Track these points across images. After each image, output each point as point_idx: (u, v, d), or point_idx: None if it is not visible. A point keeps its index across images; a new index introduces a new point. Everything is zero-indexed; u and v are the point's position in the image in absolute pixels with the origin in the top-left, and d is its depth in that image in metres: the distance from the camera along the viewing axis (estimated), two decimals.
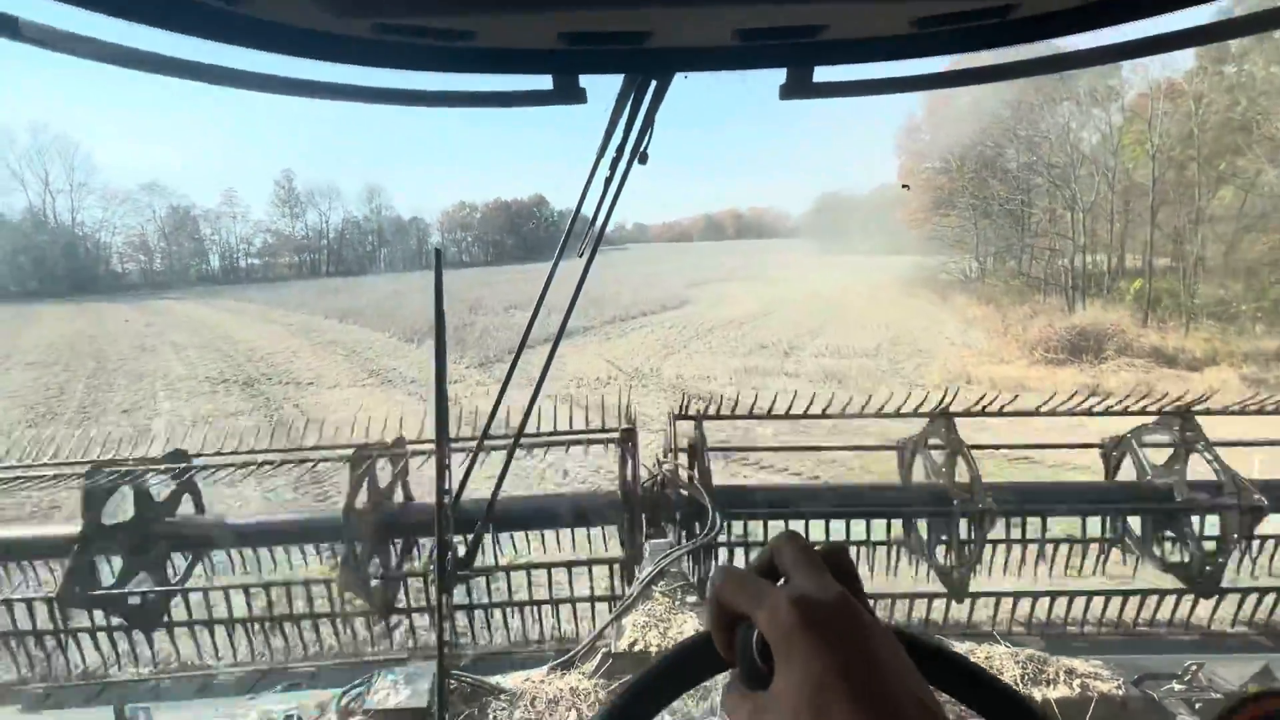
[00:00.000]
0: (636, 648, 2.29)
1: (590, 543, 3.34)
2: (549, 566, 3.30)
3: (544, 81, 0.99)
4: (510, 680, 2.26)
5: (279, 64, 0.89)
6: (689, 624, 2.38)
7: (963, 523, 3.04)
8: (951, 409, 3.30)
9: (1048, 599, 3.38)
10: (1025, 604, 3.40)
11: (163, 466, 3.18)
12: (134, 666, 3.23)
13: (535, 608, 3.40)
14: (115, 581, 3.04)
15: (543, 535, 3.39)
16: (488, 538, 2.98)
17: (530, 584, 3.34)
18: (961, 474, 3.12)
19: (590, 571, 3.37)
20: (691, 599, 2.55)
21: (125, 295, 49.13)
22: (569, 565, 3.32)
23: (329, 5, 0.77)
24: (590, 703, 2.13)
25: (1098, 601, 3.38)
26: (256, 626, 3.25)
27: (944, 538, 3.18)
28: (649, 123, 1.11)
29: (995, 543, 3.28)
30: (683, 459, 3.21)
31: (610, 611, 2.69)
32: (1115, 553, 3.39)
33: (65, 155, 59.27)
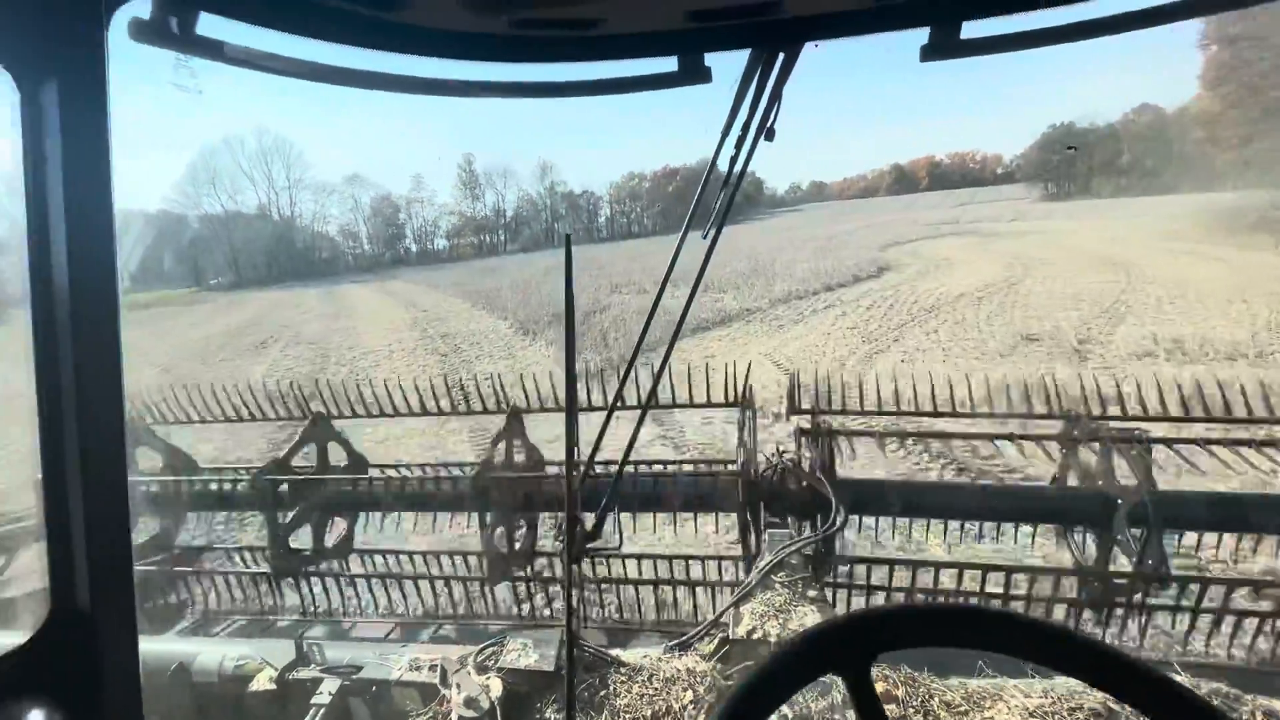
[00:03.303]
0: (755, 635, 2.27)
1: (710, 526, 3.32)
2: (670, 559, 3.37)
3: (669, 64, 0.99)
4: (629, 655, 2.33)
5: (426, 66, 0.97)
6: (809, 617, 2.32)
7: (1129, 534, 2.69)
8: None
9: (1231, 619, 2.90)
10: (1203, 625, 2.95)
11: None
12: (311, 608, 3.74)
13: (655, 588, 3.49)
14: (301, 544, 3.54)
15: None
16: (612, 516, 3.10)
17: (655, 568, 3.43)
18: (1125, 473, 2.75)
19: (703, 565, 3.39)
20: (811, 592, 2.48)
21: (327, 280, 50.86)
22: (686, 559, 3.37)
23: (470, 4, 0.82)
24: (706, 685, 2.14)
25: None
26: (412, 584, 3.63)
27: (1098, 547, 2.83)
28: (776, 97, 1.07)
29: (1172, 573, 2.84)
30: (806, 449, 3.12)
31: (729, 597, 2.69)
32: None
33: (284, 155, 68.05)
